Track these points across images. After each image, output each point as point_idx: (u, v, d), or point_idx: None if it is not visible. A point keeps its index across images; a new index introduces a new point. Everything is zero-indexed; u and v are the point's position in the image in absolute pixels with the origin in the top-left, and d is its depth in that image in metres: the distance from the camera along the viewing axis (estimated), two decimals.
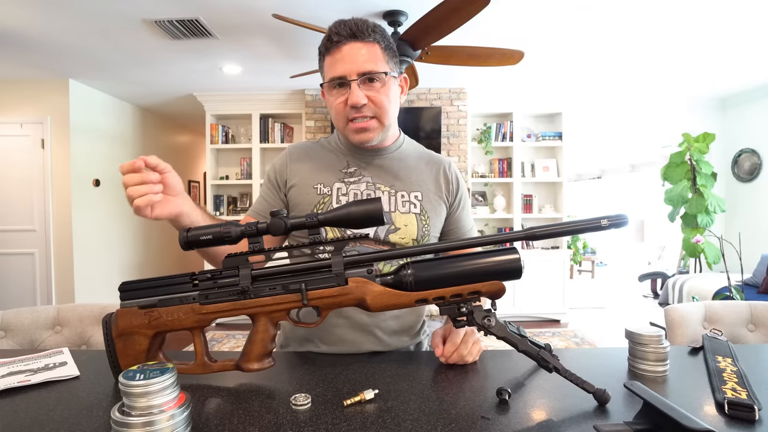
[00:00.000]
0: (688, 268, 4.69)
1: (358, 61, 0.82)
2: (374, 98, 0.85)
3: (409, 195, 0.92)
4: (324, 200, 0.91)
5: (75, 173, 3.94)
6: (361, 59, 0.83)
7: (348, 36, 0.82)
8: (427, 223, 0.92)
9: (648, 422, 0.53)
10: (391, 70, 0.87)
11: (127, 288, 0.69)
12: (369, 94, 0.84)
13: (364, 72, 0.83)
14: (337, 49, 0.83)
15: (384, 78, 0.85)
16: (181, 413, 0.51)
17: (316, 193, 0.91)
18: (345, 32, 0.82)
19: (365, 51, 0.83)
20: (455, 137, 4.32)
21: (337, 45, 0.83)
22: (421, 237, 0.92)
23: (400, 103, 0.93)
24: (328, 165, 0.94)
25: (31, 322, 1.12)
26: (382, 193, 0.92)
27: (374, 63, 0.84)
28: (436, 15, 2.17)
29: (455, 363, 0.76)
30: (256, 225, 0.66)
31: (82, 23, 2.75)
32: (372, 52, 0.84)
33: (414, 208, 0.92)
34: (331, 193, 0.91)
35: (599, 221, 0.62)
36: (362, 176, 0.93)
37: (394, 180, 0.93)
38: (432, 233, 0.94)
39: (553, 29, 2.94)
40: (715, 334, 0.87)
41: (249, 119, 4.51)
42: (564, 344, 3.67)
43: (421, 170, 0.96)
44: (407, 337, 0.97)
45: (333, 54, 0.84)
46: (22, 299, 3.90)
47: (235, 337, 3.94)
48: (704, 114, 4.74)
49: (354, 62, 0.82)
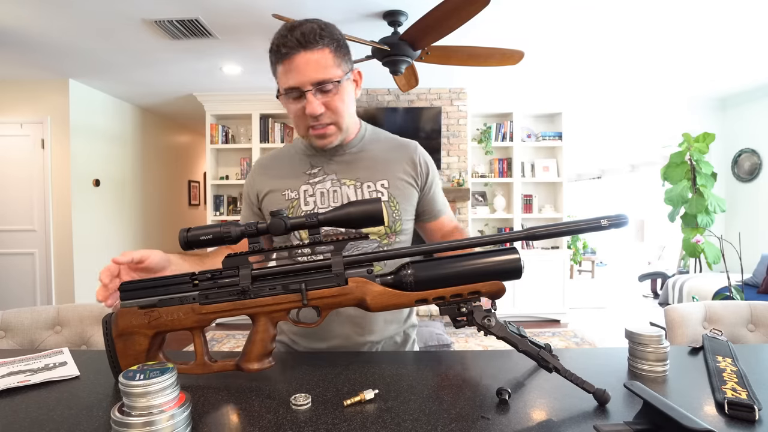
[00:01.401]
0: (688, 268, 4.69)
1: (310, 71, 0.81)
2: (330, 105, 0.85)
3: (375, 184, 0.94)
4: (293, 204, 0.92)
5: (75, 173, 3.94)
6: (312, 69, 0.81)
7: (296, 46, 0.80)
8: (396, 208, 0.94)
9: (648, 422, 0.53)
10: (344, 72, 0.86)
11: (127, 288, 0.69)
12: (325, 101, 0.84)
13: (317, 81, 0.82)
14: (287, 60, 0.82)
15: (338, 84, 0.84)
16: (181, 413, 0.51)
17: (285, 199, 0.93)
18: (292, 43, 0.80)
19: (316, 59, 0.81)
20: (455, 137, 4.32)
21: (286, 56, 0.81)
22: (393, 222, 0.93)
23: (356, 96, 0.93)
24: (293, 170, 0.96)
25: (31, 322, 1.12)
26: (348, 188, 0.93)
27: (326, 70, 0.82)
28: (436, 15, 2.17)
29: None
30: (256, 225, 0.66)
31: (82, 23, 2.75)
32: (323, 60, 0.82)
33: (381, 196, 0.93)
34: (298, 197, 0.93)
35: (599, 221, 0.62)
36: (326, 175, 0.94)
37: (358, 173, 0.94)
38: (404, 217, 0.95)
39: (553, 29, 2.94)
40: (715, 334, 0.87)
41: (249, 119, 4.51)
42: (564, 344, 3.67)
43: (387, 158, 0.97)
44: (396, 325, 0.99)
45: (284, 64, 0.83)
46: (22, 299, 3.90)
47: (235, 337, 3.94)
48: (704, 114, 4.74)
49: (305, 73, 0.81)
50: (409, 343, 1.03)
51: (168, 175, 5.71)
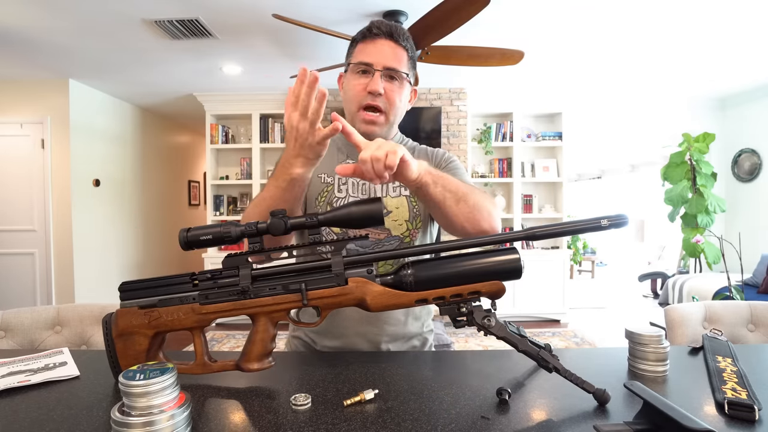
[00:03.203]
0: (688, 268, 4.69)
1: (387, 55, 0.90)
2: (389, 94, 0.91)
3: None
4: (327, 188, 0.95)
5: (75, 173, 3.94)
6: (390, 55, 0.90)
7: (385, 33, 0.90)
8: (416, 203, 0.95)
9: (648, 422, 0.53)
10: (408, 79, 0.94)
11: (127, 288, 0.69)
12: (386, 87, 0.90)
13: (389, 67, 0.90)
14: (371, 40, 0.91)
15: (403, 78, 0.92)
16: (181, 413, 0.51)
17: (320, 182, 0.96)
18: (384, 29, 0.90)
19: (394, 50, 0.91)
20: (455, 137, 4.32)
21: (373, 37, 0.91)
22: (413, 217, 0.94)
23: (406, 109, 0.99)
24: (330, 157, 0.98)
25: (31, 322, 1.12)
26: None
27: (399, 63, 0.91)
28: (436, 15, 2.17)
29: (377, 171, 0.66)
30: (256, 225, 0.66)
31: (82, 23, 2.75)
32: (400, 55, 0.91)
33: (404, 190, 0.96)
34: (333, 182, 0.96)
35: (599, 221, 0.62)
36: None
37: None
38: (424, 213, 0.96)
39: (553, 29, 2.94)
40: (715, 334, 0.87)
41: (249, 119, 4.51)
42: (564, 344, 3.67)
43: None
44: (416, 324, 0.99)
45: (366, 43, 0.91)
46: (22, 299, 3.90)
47: (235, 337, 3.94)
48: (704, 114, 4.74)
49: (383, 56, 0.90)
50: (427, 347, 1.03)
51: (168, 175, 5.71)
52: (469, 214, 0.76)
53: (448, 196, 0.75)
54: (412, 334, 0.98)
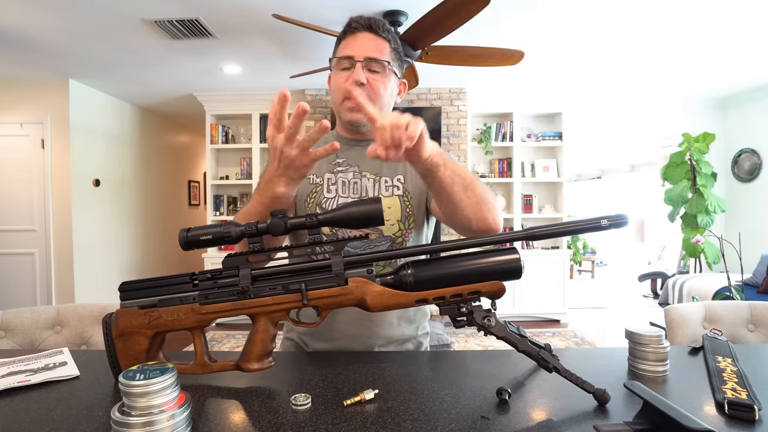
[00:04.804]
0: (688, 268, 4.69)
1: (367, 47, 0.91)
2: (372, 83, 0.91)
3: (392, 179, 0.96)
4: (316, 189, 0.96)
5: (75, 173, 3.94)
6: (369, 47, 0.91)
7: (364, 26, 0.93)
8: (410, 203, 0.95)
9: (648, 422, 0.53)
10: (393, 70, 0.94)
11: (127, 288, 0.69)
12: (369, 77, 0.91)
13: (370, 57, 0.91)
14: (352, 35, 0.93)
15: (386, 68, 0.92)
16: (181, 413, 0.51)
17: (309, 183, 0.96)
18: (363, 22, 0.93)
19: (375, 42, 0.92)
20: (455, 137, 4.32)
21: (353, 31, 0.93)
22: (406, 217, 0.94)
23: (395, 103, 0.99)
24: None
25: (31, 322, 1.12)
26: (367, 180, 0.95)
27: (380, 53, 0.92)
28: (436, 15, 2.17)
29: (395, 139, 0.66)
30: (256, 225, 0.66)
31: (82, 23, 2.75)
32: (381, 45, 0.92)
33: (397, 190, 0.96)
34: (322, 183, 0.96)
35: (599, 221, 0.62)
36: (350, 166, 0.97)
37: (379, 167, 0.97)
38: (417, 213, 0.95)
39: (553, 29, 2.94)
40: (715, 334, 0.87)
41: (249, 119, 4.51)
42: (564, 344, 3.67)
43: None
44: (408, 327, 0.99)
45: (348, 39, 0.94)
46: (22, 299, 3.89)
47: (235, 337, 3.94)
48: (704, 114, 4.74)
49: (363, 48, 0.91)
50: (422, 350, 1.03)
51: (168, 175, 5.71)
52: (477, 204, 0.75)
53: (457, 181, 0.73)
54: (405, 338, 0.98)
